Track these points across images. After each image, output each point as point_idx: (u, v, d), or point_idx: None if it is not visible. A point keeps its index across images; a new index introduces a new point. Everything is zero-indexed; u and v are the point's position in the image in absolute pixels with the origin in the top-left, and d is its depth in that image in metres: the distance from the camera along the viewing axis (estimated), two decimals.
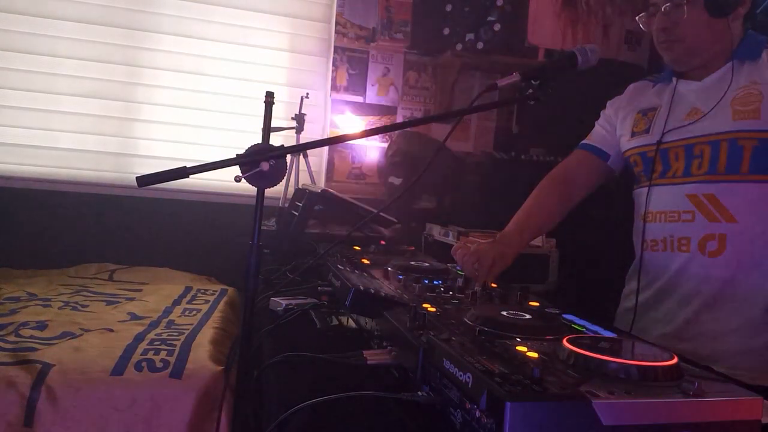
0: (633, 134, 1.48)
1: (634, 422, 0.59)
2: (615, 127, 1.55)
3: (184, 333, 1.72)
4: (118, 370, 1.45)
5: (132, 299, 2.15)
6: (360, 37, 3.08)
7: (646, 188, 1.43)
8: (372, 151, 3.09)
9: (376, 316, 1.00)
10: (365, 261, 1.45)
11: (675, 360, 0.69)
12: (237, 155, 0.96)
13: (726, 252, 1.28)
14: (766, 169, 1.25)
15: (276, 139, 1.03)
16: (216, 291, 2.34)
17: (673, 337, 1.33)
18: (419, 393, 0.76)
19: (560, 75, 1.20)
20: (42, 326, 1.72)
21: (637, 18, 1.44)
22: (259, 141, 1.03)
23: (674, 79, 1.43)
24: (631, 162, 1.49)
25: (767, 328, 1.26)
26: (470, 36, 3.17)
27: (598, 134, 1.60)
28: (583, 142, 1.61)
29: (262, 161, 0.95)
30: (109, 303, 2.08)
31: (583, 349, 0.70)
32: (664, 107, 1.42)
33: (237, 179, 0.96)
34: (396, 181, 2.61)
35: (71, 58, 2.79)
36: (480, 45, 3.18)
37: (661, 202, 1.39)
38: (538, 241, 1.95)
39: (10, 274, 2.44)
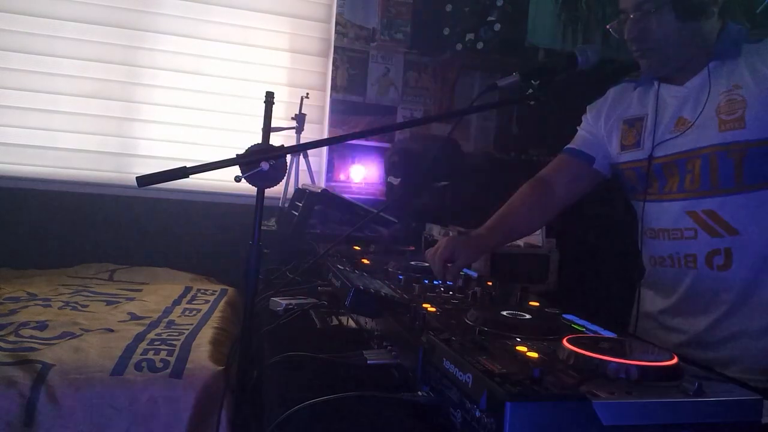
0: (623, 148, 1.45)
1: (634, 422, 0.59)
2: (599, 131, 1.52)
3: (184, 333, 1.72)
4: (118, 370, 1.45)
5: (132, 299, 2.15)
6: (360, 37, 3.07)
7: (646, 203, 1.41)
8: (372, 151, 3.09)
9: (376, 316, 1.00)
10: (365, 261, 1.45)
11: (675, 360, 0.69)
12: (237, 155, 0.96)
13: (734, 264, 1.26)
14: (760, 177, 1.23)
15: (276, 139, 1.03)
16: (216, 291, 2.34)
17: (691, 345, 1.32)
18: (419, 393, 0.76)
19: (560, 75, 1.20)
20: (42, 326, 1.72)
21: (608, 26, 1.38)
22: (259, 141, 1.03)
23: (656, 83, 1.40)
24: (627, 176, 1.46)
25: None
26: (470, 36, 3.17)
27: (581, 138, 1.56)
28: (567, 146, 1.57)
29: (262, 161, 0.95)
30: (109, 303, 2.08)
31: (583, 349, 0.70)
32: (650, 117, 1.39)
33: (237, 179, 0.96)
34: (395, 180, 2.60)
35: (71, 58, 2.79)
36: (480, 45, 3.18)
37: (662, 220, 1.37)
38: (538, 241, 1.95)
39: (10, 274, 2.44)
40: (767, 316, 1.25)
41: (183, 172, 0.90)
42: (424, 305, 0.98)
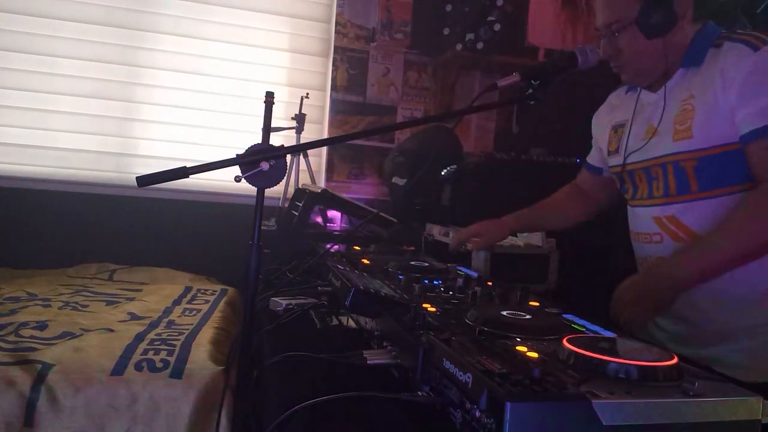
0: (609, 153, 1.52)
1: (634, 422, 0.59)
2: (601, 138, 1.60)
3: (184, 333, 1.72)
4: (118, 370, 1.45)
5: (132, 299, 2.15)
6: (360, 37, 3.08)
7: (626, 207, 1.49)
8: (372, 151, 3.09)
9: (376, 316, 1.00)
10: (365, 261, 1.45)
11: (675, 360, 0.69)
12: (237, 155, 0.96)
13: None
14: (713, 184, 1.25)
15: (276, 139, 1.03)
16: (216, 291, 2.34)
17: (676, 343, 1.33)
18: (419, 393, 0.75)
19: (560, 75, 1.20)
20: (42, 326, 1.72)
21: (594, 44, 1.44)
22: (259, 141, 1.03)
23: (638, 88, 1.44)
24: (614, 180, 1.54)
25: (749, 329, 1.26)
26: (470, 36, 3.17)
27: (592, 151, 1.68)
28: (585, 160, 1.71)
29: (262, 161, 0.95)
30: (109, 303, 2.08)
31: (583, 349, 0.70)
32: (629, 123, 1.45)
33: (237, 179, 0.96)
34: (400, 181, 2.60)
35: (71, 58, 2.79)
36: (480, 45, 3.18)
37: (636, 224, 1.44)
38: (538, 241, 1.95)
39: (10, 274, 2.44)
40: (738, 317, 1.27)
41: (183, 172, 0.90)
42: (424, 305, 0.98)
